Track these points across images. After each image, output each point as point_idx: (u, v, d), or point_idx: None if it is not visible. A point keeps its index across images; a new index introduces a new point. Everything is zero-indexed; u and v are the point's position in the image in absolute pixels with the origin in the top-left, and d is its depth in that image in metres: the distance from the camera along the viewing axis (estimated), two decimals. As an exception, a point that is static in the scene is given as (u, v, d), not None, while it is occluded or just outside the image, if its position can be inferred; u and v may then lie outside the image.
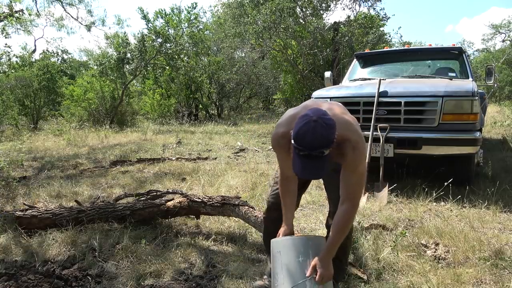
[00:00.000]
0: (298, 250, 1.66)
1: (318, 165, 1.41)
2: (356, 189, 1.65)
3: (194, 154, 6.94)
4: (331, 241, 1.64)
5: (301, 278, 1.60)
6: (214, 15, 21.20)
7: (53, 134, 10.47)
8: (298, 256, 1.65)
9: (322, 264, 1.59)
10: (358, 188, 1.65)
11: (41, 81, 15.22)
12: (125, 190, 4.28)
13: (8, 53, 10.78)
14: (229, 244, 2.74)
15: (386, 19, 13.02)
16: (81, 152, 7.24)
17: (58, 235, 2.80)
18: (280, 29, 12.02)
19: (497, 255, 2.44)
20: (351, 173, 1.63)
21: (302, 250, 1.66)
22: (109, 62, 14.24)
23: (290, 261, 1.66)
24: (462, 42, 34.00)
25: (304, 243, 1.69)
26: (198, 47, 15.52)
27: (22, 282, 2.12)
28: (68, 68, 24.68)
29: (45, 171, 5.51)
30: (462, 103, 3.70)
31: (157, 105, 16.10)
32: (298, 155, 1.41)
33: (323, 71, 10.92)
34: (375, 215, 3.33)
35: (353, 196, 1.65)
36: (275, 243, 1.76)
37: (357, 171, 1.62)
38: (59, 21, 14.29)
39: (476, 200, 3.57)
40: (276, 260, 1.71)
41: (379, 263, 2.36)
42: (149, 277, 2.27)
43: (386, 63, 5.43)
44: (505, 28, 27.74)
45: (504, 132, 8.75)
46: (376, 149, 3.96)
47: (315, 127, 1.36)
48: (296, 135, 1.39)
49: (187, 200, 3.04)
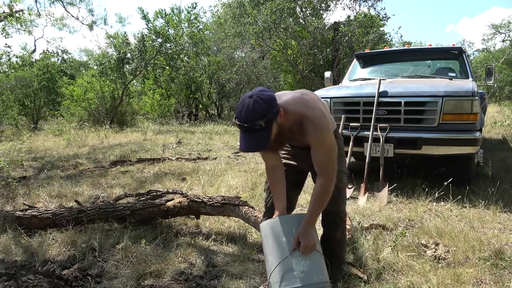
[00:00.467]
0: (282, 230, 1.69)
1: (256, 138, 1.49)
2: (327, 164, 1.66)
3: (194, 154, 6.94)
4: (310, 210, 1.68)
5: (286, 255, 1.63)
6: (214, 15, 21.21)
7: (53, 134, 10.47)
8: (282, 236, 1.67)
9: (303, 235, 1.62)
10: (329, 162, 1.66)
11: (41, 81, 15.22)
12: (125, 190, 4.28)
13: (8, 53, 10.79)
14: (229, 244, 2.74)
15: (386, 19, 13.04)
16: (81, 152, 7.24)
17: (58, 235, 2.80)
18: (280, 29, 12.02)
19: (497, 255, 2.44)
20: (318, 150, 1.65)
21: (285, 229, 1.69)
22: (109, 62, 14.25)
23: (275, 242, 1.69)
24: (462, 42, 34.07)
25: (286, 222, 1.72)
26: (198, 47, 15.53)
27: (22, 282, 2.12)
28: (68, 68, 24.68)
29: (45, 171, 5.51)
30: (462, 103, 3.70)
31: (157, 105, 16.11)
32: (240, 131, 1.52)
33: (323, 71, 10.93)
34: (375, 215, 3.33)
35: (326, 171, 1.66)
36: (261, 227, 1.80)
37: (323, 147, 1.64)
38: (60, 21, 14.26)
39: (476, 200, 3.56)
40: (264, 244, 1.75)
41: (379, 263, 2.36)
42: (149, 277, 2.26)
43: (386, 63, 5.43)
44: (505, 28, 27.76)
45: (504, 132, 8.75)
46: (376, 149, 3.96)
47: (249, 103, 1.46)
48: (236, 112, 1.52)
49: (187, 200, 3.04)
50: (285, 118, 1.59)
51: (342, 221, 1.98)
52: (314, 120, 1.61)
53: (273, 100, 1.50)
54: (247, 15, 12.51)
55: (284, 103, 1.63)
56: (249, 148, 1.51)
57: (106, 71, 14.34)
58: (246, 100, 1.49)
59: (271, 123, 1.49)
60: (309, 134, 1.62)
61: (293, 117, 1.62)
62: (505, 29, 27.82)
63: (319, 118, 1.62)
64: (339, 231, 1.95)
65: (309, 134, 1.62)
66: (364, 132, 4.05)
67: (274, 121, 1.50)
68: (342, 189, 1.94)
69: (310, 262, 1.64)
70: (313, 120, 1.61)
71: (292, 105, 1.64)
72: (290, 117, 1.62)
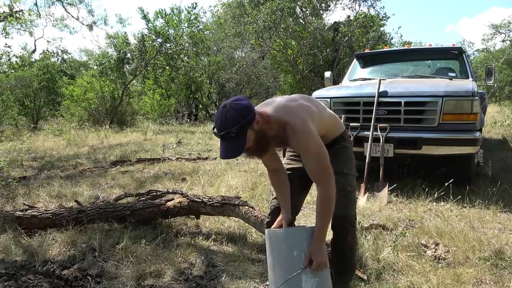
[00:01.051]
0: (292, 244, 1.64)
1: (231, 145, 1.54)
2: (318, 170, 1.65)
3: (194, 154, 6.94)
4: (318, 226, 1.65)
5: (296, 270, 1.58)
6: (214, 15, 21.22)
7: (53, 134, 10.48)
8: (293, 250, 1.63)
9: (315, 252, 1.60)
10: (320, 168, 1.64)
11: (41, 81, 15.23)
12: (125, 190, 4.28)
13: (8, 53, 10.79)
14: (229, 244, 2.74)
15: (386, 19, 13.03)
16: (81, 152, 7.24)
17: (58, 235, 2.80)
18: (280, 29, 12.02)
19: (497, 255, 2.44)
20: (305, 155, 1.66)
21: (296, 243, 1.64)
22: (109, 62, 14.25)
23: (285, 254, 1.64)
24: (462, 42, 34.03)
25: (298, 236, 1.67)
26: (198, 47, 15.53)
27: (22, 282, 2.12)
28: (68, 68, 24.69)
29: (45, 171, 5.51)
30: (462, 103, 3.69)
31: (157, 105, 16.11)
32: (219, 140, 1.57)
33: (323, 71, 10.92)
34: (375, 215, 3.33)
35: (320, 178, 1.65)
36: (270, 234, 1.74)
37: (309, 152, 1.63)
38: (61, 21, 14.27)
39: (476, 200, 3.56)
40: (272, 252, 1.70)
41: (379, 263, 2.36)
42: (149, 277, 2.26)
43: (386, 63, 5.43)
44: (505, 28, 27.76)
45: (504, 132, 8.75)
46: (376, 149, 3.96)
47: (223, 112, 1.53)
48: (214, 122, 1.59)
49: (187, 200, 3.04)
50: (268, 125, 1.63)
51: (352, 225, 1.97)
52: (294, 127, 1.62)
53: (245, 109, 1.54)
54: (247, 15, 12.51)
55: (267, 110, 1.67)
56: (226, 155, 1.56)
57: (106, 71, 14.35)
58: (220, 110, 1.55)
59: (244, 130, 1.52)
60: (291, 140, 1.64)
61: (276, 124, 1.65)
62: (505, 29, 27.83)
63: (298, 125, 1.63)
64: (349, 235, 1.94)
65: (291, 140, 1.64)
66: (364, 132, 4.05)
67: (249, 128, 1.54)
68: (351, 193, 1.92)
69: (320, 280, 1.60)
70: (293, 127, 1.62)
71: (274, 112, 1.67)
72: (273, 124, 1.65)
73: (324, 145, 1.66)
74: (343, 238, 1.93)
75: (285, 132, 1.64)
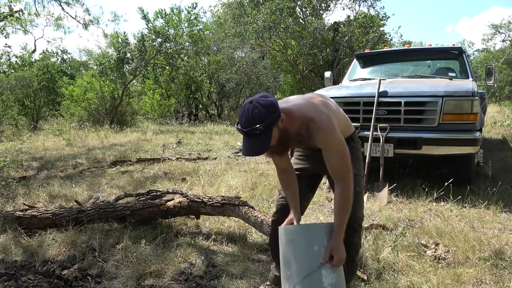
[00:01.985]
0: (313, 239, 1.65)
1: (256, 142, 1.51)
2: (340, 167, 1.66)
3: (194, 154, 6.94)
4: (336, 223, 1.66)
5: (316, 266, 1.59)
6: (214, 15, 21.21)
7: (53, 134, 10.47)
8: (313, 244, 1.63)
9: (336, 249, 1.61)
10: (342, 165, 1.65)
11: (41, 81, 15.23)
12: (125, 190, 4.28)
13: (8, 53, 10.79)
14: (229, 244, 2.74)
15: (386, 19, 13.03)
16: (81, 152, 7.24)
17: (58, 235, 2.80)
18: (280, 29, 12.02)
19: (497, 255, 2.44)
20: (328, 153, 1.65)
21: (317, 238, 1.65)
22: (109, 62, 14.25)
23: (304, 250, 1.64)
24: (462, 42, 34.07)
25: (319, 231, 1.68)
26: (198, 46, 15.52)
27: (22, 282, 2.12)
28: (68, 68, 24.69)
29: (44, 171, 5.51)
30: (462, 103, 3.69)
31: (157, 105, 16.12)
32: (242, 136, 1.55)
33: (323, 71, 10.93)
34: (375, 215, 3.33)
35: (341, 175, 1.66)
36: (286, 230, 1.73)
37: (333, 149, 1.64)
38: (56, 21, 14.26)
39: (476, 200, 3.56)
40: (289, 248, 1.68)
41: (379, 263, 2.36)
42: (149, 277, 2.26)
43: (386, 63, 5.43)
44: (505, 28, 27.77)
45: (504, 132, 8.75)
46: (376, 149, 3.96)
47: (249, 108, 1.51)
48: (238, 118, 1.56)
49: (187, 200, 3.04)
50: (290, 122, 1.62)
51: (359, 226, 1.97)
52: (320, 123, 1.62)
53: (273, 105, 1.53)
54: (247, 15, 12.51)
55: (290, 108, 1.66)
56: (249, 152, 1.54)
57: (106, 71, 14.35)
58: (246, 106, 1.53)
59: (270, 127, 1.51)
60: (316, 137, 1.63)
61: (299, 120, 1.64)
62: (505, 29, 27.85)
63: (324, 121, 1.63)
64: (356, 235, 1.94)
65: (316, 137, 1.63)
66: (364, 132, 4.05)
67: (274, 125, 1.52)
68: (359, 193, 1.92)
69: (338, 275, 1.62)
70: (318, 124, 1.62)
71: (298, 109, 1.66)
72: (296, 121, 1.64)
73: None
74: (350, 238, 1.93)
75: (309, 129, 1.63)
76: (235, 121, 8.29)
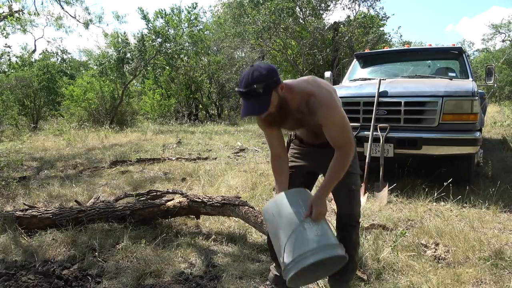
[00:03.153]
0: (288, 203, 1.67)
1: (254, 103, 1.54)
2: (340, 139, 1.68)
3: (194, 154, 6.94)
4: (327, 180, 1.69)
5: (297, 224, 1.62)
6: (214, 15, 21.20)
7: (53, 134, 10.47)
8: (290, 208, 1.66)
9: (316, 202, 1.64)
10: (343, 137, 1.68)
11: (41, 81, 15.24)
12: (125, 190, 4.28)
13: (8, 53, 10.79)
14: (229, 244, 2.74)
15: (386, 19, 13.03)
16: (81, 152, 7.24)
17: (58, 235, 2.80)
18: (279, 29, 12.02)
19: (497, 255, 2.44)
20: (329, 127, 1.67)
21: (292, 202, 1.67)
22: (109, 62, 14.25)
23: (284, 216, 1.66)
24: (462, 42, 34.07)
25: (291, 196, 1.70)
26: (198, 46, 15.52)
27: (22, 282, 2.12)
28: (68, 68, 24.69)
29: (45, 171, 5.51)
30: (462, 103, 3.70)
31: (157, 105, 16.12)
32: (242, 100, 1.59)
33: (323, 71, 10.92)
34: (375, 215, 3.33)
35: (343, 145, 1.68)
36: (267, 208, 1.75)
37: (334, 123, 1.66)
38: (56, 21, 14.24)
39: (476, 200, 3.57)
40: (273, 222, 1.70)
41: (379, 263, 2.36)
42: (149, 277, 2.26)
43: (386, 63, 5.43)
44: (505, 28, 27.77)
45: (504, 132, 8.75)
46: (376, 149, 3.96)
47: (250, 71, 1.56)
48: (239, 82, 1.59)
49: (187, 200, 3.04)
50: (291, 95, 1.64)
51: (357, 223, 1.97)
52: (321, 99, 1.63)
53: (274, 70, 1.57)
54: (247, 15, 12.51)
55: (290, 83, 1.69)
56: (248, 112, 1.56)
57: (106, 71, 14.34)
58: (247, 70, 1.58)
59: (269, 90, 1.53)
60: (317, 112, 1.63)
61: (299, 95, 1.65)
62: (505, 29, 27.84)
63: (325, 97, 1.64)
64: (354, 233, 1.94)
65: (317, 112, 1.63)
66: (364, 132, 4.05)
67: (274, 89, 1.55)
68: (356, 191, 1.92)
69: (322, 226, 1.62)
70: (320, 99, 1.63)
71: (298, 84, 1.69)
72: (296, 95, 1.65)
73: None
74: (349, 236, 1.93)
75: (309, 105, 1.64)
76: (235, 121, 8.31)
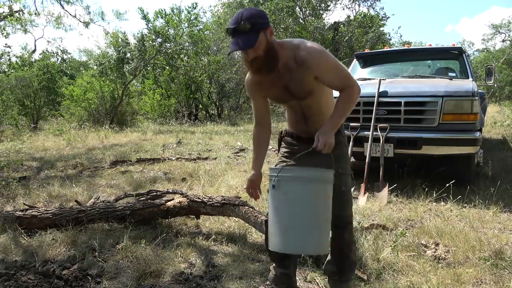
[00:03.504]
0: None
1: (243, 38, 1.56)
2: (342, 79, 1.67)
3: (194, 154, 6.94)
4: (334, 111, 1.68)
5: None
6: (214, 15, 21.19)
7: (53, 134, 10.47)
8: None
9: (323, 132, 1.60)
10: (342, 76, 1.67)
11: (41, 81, 15.24)
12: (125, 190, 4.28)
13: (8, 53, 10.79)
14: (229, 244, 2.74)
15: (385, 19, 13.04)
16: (81, 152, 7.24)
17: (58, 235, 2.80)
18: (280, 29, 12.04)
19: (497, 255, 2.44)
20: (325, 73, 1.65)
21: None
22: (109, 62, 14.24)
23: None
24: (462, 42, 34.07)
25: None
26: (197, 46, 15.52)
27: (22, 282, 2.12)
28: (68, 68, 24.69)
29: (45, 171, 5.51)
30: (462, 103, 3.70)
31: (157, 105, 16.11)
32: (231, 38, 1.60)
33: (323, 71, 10.91)
34: (375, 215, 3.33)
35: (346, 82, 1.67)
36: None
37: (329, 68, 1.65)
38: (56, 20, 14.23)
39: (476, 200, 3.56)
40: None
41: (379, 263, 2.36)
42: (149, 277, 2.26)
43: (386, 63, 5.43)
44: (505, 28, 27.78)
45: (504, 132, 8.75)
46: (376, 149, 3.96)
47: (240, 11, 1.59)
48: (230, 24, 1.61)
49: (187, 200, 3.04)
50: (281, 50, 1.64)
51: (349, 223, 1.93)
52: (307, 48, 1.63)
53: (263, 13, 1.60)
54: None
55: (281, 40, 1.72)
56: (236, 47, 1.57)
57: (106, 71, 14.34)
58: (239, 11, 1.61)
59: (257, 28, 1.55)
60: (307, 62, 1.62)
61: (287, 51, 1.66)
62: (505, 29, 27.85)
63: (312, 45, 1.65)
64: (346, 232, 1.91)
65: (307, 62, 1.62)
66: (364, 132, 4.05)
67: (262, 31, 1.56)
68: (347, 192, 1.87)
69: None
70: (306, 48, 1.63)
71: (288, 40, 1.71)
72: (284, 50, 1.66)
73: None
74: (340, 236, 1.91)
75: (297, 58, 1.63)
76: (235, 121, 8.31)
